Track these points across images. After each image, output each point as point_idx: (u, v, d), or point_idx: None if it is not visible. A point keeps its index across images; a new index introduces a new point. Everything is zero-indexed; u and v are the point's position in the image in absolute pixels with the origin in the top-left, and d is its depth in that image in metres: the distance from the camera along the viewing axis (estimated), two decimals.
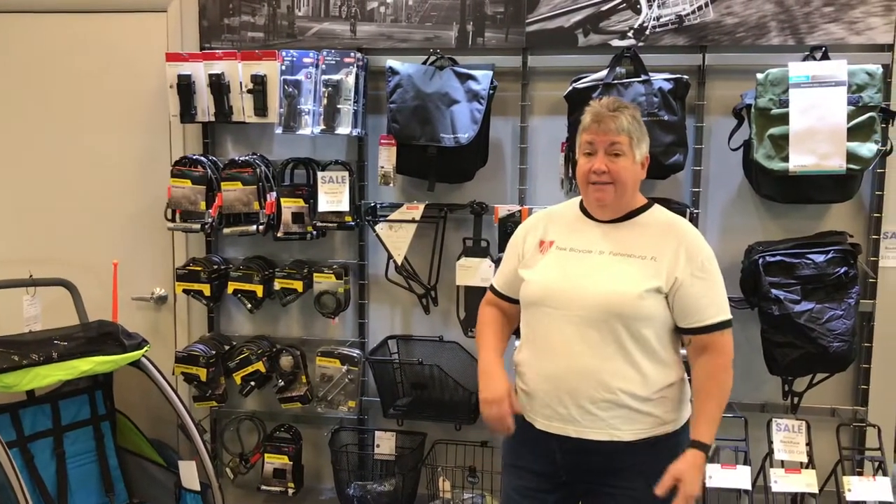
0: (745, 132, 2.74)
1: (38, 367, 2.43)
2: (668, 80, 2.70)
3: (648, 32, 2.87)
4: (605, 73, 2.75)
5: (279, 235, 3.01)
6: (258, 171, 2.99)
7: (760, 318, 2.71)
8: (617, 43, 2.88)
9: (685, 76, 2.72)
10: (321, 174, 2.97)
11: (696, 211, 2.85)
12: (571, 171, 2.81)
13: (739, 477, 2.68)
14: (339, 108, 2.90)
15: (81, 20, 3.27)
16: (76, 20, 3.28)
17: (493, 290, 2.23)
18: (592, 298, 1.95)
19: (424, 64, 2.93)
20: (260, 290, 3.04)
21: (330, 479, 3.20)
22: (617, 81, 2.71)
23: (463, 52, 2.99)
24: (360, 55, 2.94)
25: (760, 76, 2.63)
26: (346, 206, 2.95)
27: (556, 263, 2.05)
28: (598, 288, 1.96)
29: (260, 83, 2.97)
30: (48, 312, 2.92)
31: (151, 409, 2.84)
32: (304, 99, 2.92)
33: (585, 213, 2.12)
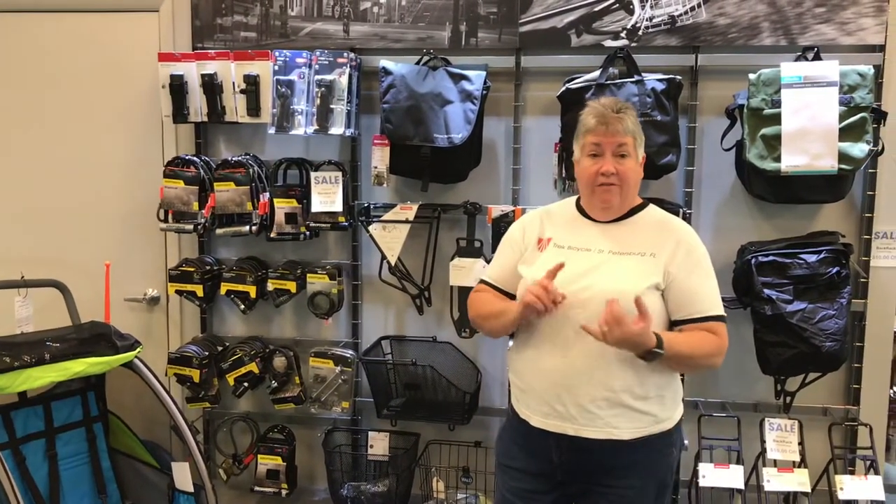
0: (737, 132, 2.75)
1: (30, 368, 2.41)
2: (660, 80, 2.71)
3: (641, 33, 2.87)
4: (598, 73, 2.76)
5: (272, 236, 3.00)
6: (251, 171, 2.98)
7: (753, 317, 2.72)
8: (610, 43, 2.88)
9: (678, 76, 2.73)
10: (314, 174, 2.97)
11: (688, 211, 2.86)
12: (565, 171, 2.82)
13: (732, 476, 2.69)
14: (332, 108, 2.90)
15: (72, 19, 3.26)
16: (67, 20, 3.26)
17: (485, 283, 2.20)
18: (594, 296, 1.94)
19: (418, 64, 2.93)
20: (253, 290, 3.04)
21: (323, 479, 3.20)
22: (610, 82, 2.72)
23: (456, 52, 2.99)
24: (353, 55, 2.94)
25: (753, 76, 2.64)
26: (339, 206, 2.94)
27: (555, 261, 2.04)
28: (599, 285, 1.96)
29: (253, 83, 2.97)
30: (40, 314, 2.91)
31: (144, 410, 2.82)
32: (297, 99, 2.92)
33: (582, 212, 2.12)
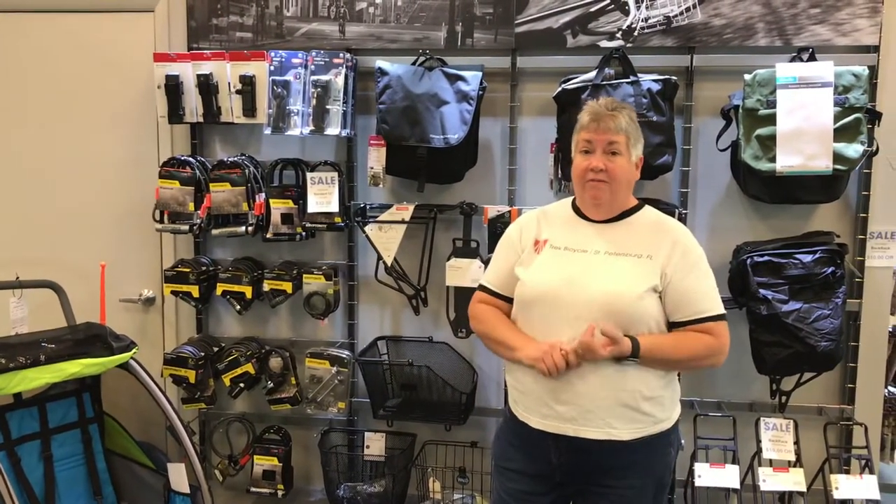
0: (732, 133, 2.75)
1: (25, 369, 2.40)
2: (656, 80, 2.71)
3: (637, 33, 2.88)
4: (593, 74, 2.76)
5: (268, 236, 3.00)
6: (247, 171, 2.98)
7: (748, 317, 2.73)
8: (605, 44, 2.89)
9: (673, 77, 2.74)
10: (310, 175, 2.96)
11: (684, 211, 2.86)
12: (561, 171, 2.82)
13: (728, 476, 2.70)
14: (328, 108, 2.89)
15: (67, 20, 3.25)
16: (62, 20, 3.25)
17: (485, 289, 2.20)
18: (590, 298, 1.94)
19: (414, 65, 2.93)
20: (249, 291, 3.04)
21: (319, 480, 3.19)
22: (606, 82, 2.72)
23: (452, 52, 2.99)
24: (349, 56, 2.93)
25: (748, 77, 2.64)
26: (335, 206, 2.94)
27: (551, 262, 2.05)
28: (596, 287, 1.96)
29: (248, 84, 2.96)
30: (35, 314, 2.90)
31: (140, 411, 2.81)
32: (293, 99, 2.92)
33: (578, 213, 2.12)
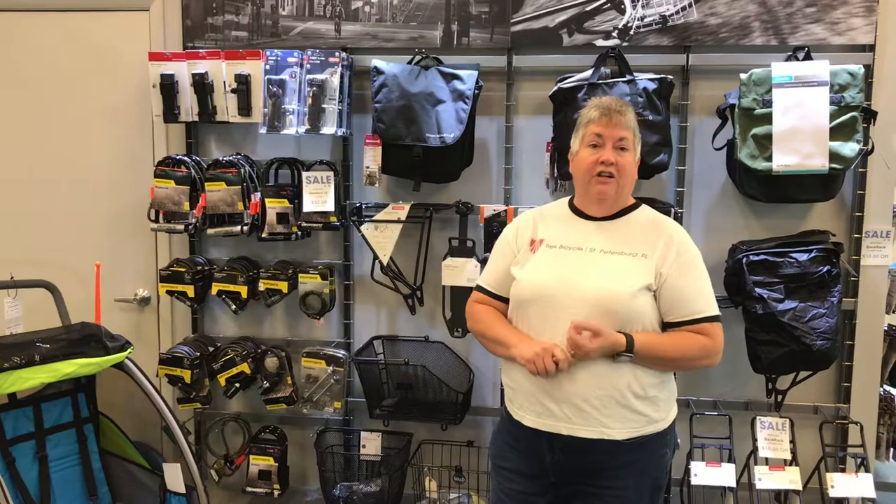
0: (728, 132, 2.76)
1: (19, 369, 2.40)
2: (652, 79, 2.71)
3: (633, 32, 2.88)
4: (589, 73, 2.76)
5: (264, 236, 2.99)
6: (242, 171, 2.97)
7: (744, 316, 2.73)
8: (601, 43, 2.89)
9: (669, 76, 2.74)
10: (306, 174, 2.96)
11: (680, 210, 2.87)
12: (557, 171, 2.82)
13: (724, 474, 2.70)
14: (323, 107, 2.89)
15: (62, 19, 3.24)
16: (56, 19, 3.24)
17: (482, 290, 2.21)
18: (585, 296, 1.95)
19: (409, 64, 2.92)
20: (244, 290, 3.03)
21: (316, 480, 3.19)
22: (602, 81, 2.72)
23: (448, 51, 2.99)
24: (344, 55, 2.93)
25: (744, 76, 2.64)
26: (331, 206, 2.94)
27: (546, 262, 2.05)
28: (590, 285, 1.96)
29: (244, 83, 2.96)
30: (30, 314, 2.89)
31: (135, 411, 2.81)
32: (288, 98, 2.91)
33: (575, 211, 2.13)
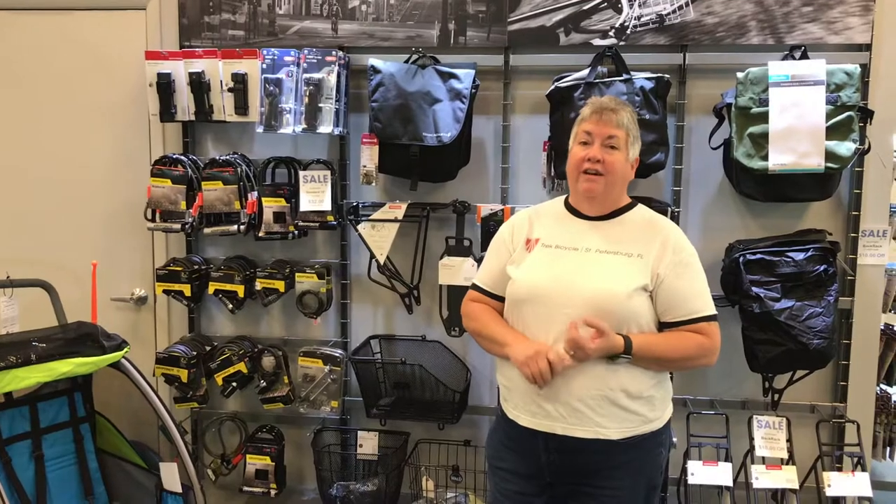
0: (725, 131, 2.76)
1: (16, 368, 2.39)
2: (649, 79, 2.71)
3: (629, 32, 2.88)
4: (586, 72, 2.76)
5: (260, 235, 2.99)
6: (239, 170, 2.97)
7: (741, 315, 2.73)
8: (598, 42, 2.89)
9: (666, 75, 2.74)
10: (303, 173, 2.95)
11: (677, 210, 2.87)
12: (554, 170, 2.82)
13: (721, 473, 2.70)
14: (320, 106, 2.89)
15: (58, 17, 3.23)
16: (53, 17, 3.24)
17: (477, 288, 2.21)
18: (581, 296, 1.95)
19: (406, 63, 2.92)
20: (241, 290, 3.03)
21: (312, 479, 3.19)
22: (599, 80, 2.72)
23: (445, 50, 2.99)
24: (341, 54, 2.93)
25: (740, 75, 2.65)
26: (328, 205, 2.93)
27: (542, 261, 2.05)
28: (586, 285, 1.96)
29: (241, 82, 2.95)
30: (26, 314, 2.89)
31: (132, 410, 2.81)
32: (285, 97, 2.91)
33: (571, 210, 2.13)
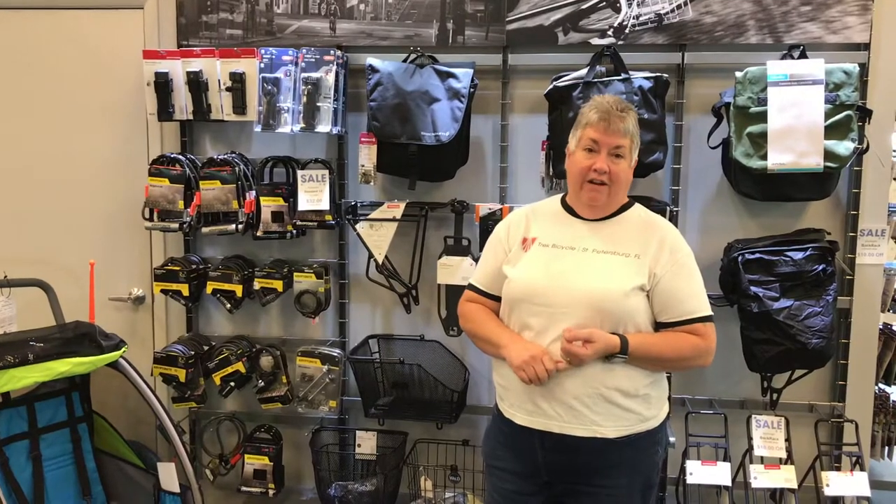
0: (724, 130, 2.75)
1: (13, 368, 2.39)
2: (647, 78, 2.71)
3: (628, 31, 2.87)
4: (585, 71, 2.76)
5: (258, 234, 2.99)
6: (237, 169, 2.96)
7: (739, 315, 2.73)
8: (597, 41, 2.88)
9: (665, 74, 2.73)
10: (301, 173, 2.95)
11: (675, 209, 2.86)
12: (552, 169, 2.82)
13: (719, 473, 2.70)
14: (318, 105, 2.88)
15: (56, 16, 3.23)
16: (50, 16, 3.23)
17: (474, 288, 2.21)
18: (578, 295, 1.94)
19: (405, 62, 2.92)
20: (239, 289, 3.02)
21: (311, 479, 3.18)
22: (597, 80, 2.72)
23: (443, 50, 2.98)
24: (339, 53, 2.92)
25: (739, 74, 2.64)
26: (326, 204, 2.93)
27: (539, 260, 2.05)
28: (583, 284, 1.96)
29: (239, 81, 2.95)
30: (24, 313, 2.88)
31: (129, 410, 2.81)
32: (283, 97, 2.91)
33: (568, 209, 2.12)
